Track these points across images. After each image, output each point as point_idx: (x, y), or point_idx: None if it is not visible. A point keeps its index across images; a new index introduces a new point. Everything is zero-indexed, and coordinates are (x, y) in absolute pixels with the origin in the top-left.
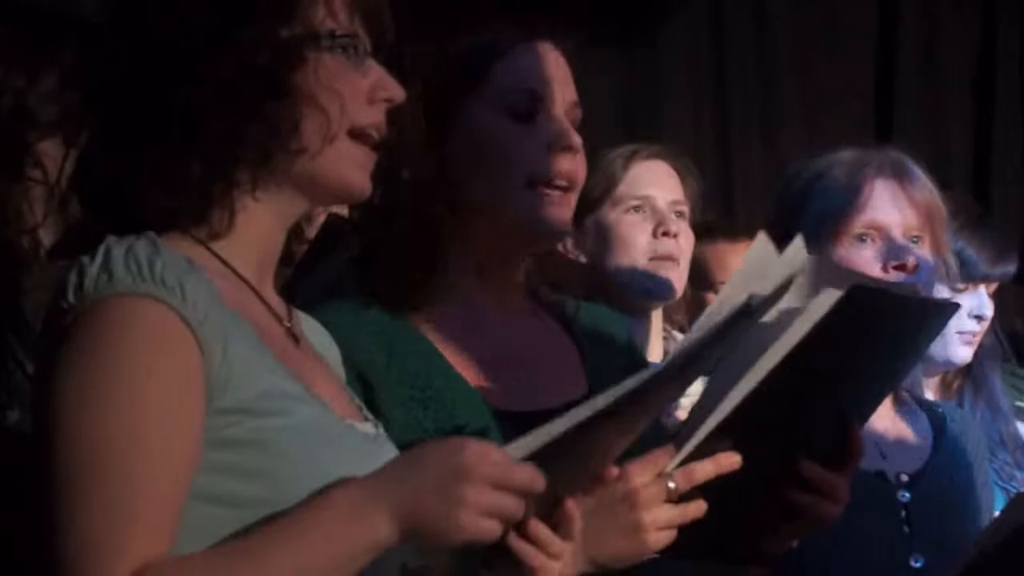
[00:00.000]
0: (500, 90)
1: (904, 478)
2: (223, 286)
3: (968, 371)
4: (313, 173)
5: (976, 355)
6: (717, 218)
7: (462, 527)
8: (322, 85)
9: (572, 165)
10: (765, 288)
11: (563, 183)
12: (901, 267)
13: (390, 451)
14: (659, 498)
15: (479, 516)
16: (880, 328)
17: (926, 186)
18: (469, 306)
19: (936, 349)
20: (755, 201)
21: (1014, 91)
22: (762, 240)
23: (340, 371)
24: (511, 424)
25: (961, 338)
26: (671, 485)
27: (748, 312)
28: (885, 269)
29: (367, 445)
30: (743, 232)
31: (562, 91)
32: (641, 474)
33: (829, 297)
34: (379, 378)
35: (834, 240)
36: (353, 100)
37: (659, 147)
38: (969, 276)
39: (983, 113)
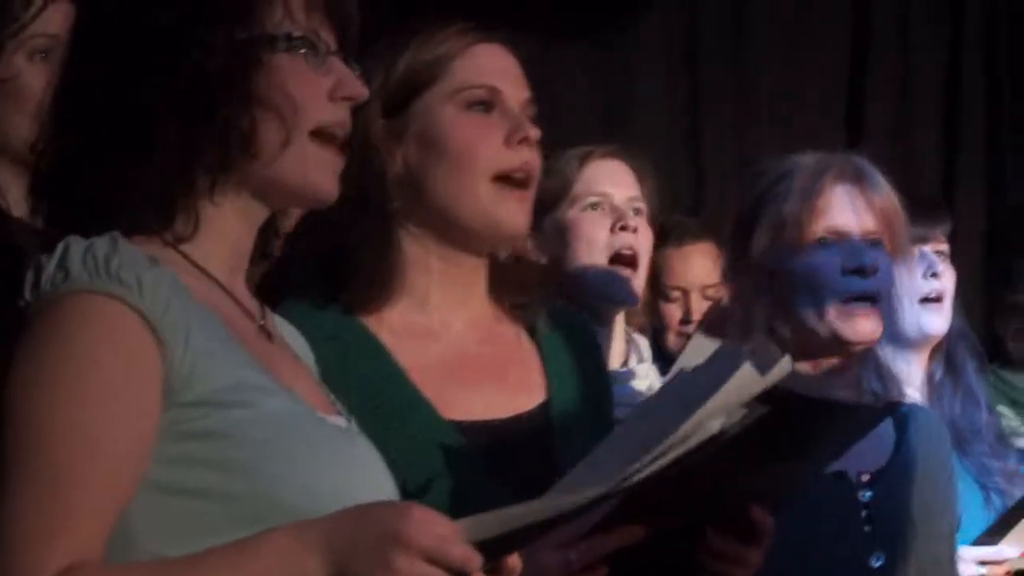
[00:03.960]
0: (457, 86)
1: (865, 477)
2: (192, 284)
3: (945, 361)
4: (274, 177)
5: (949, 339)
6: (684, 218)
7: None
8: (277, 88)
9: (530, 157)
10: (740, 412)
11: (521, 176)
12: (859, 270)
13: (362, 444)
14: (559, 572)
15: None
16: (803, 431)
17: (885, 190)
18: (428, 309)
19: (906, 320)
20: (726, 204)
21: (979, 100)
22: (747, 370)
23: (314, 368)
24: (465, 433)
25: (926, 304)
26: (572, 558)
27: (718, 440)
28: (844, 273)
29: (339, 437)
30: (690, 235)
31: (517, 88)
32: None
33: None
34: (330, 383)
35: (795, 245)
36: (312, 101)
37: (615, 146)
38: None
39: (952, 121)
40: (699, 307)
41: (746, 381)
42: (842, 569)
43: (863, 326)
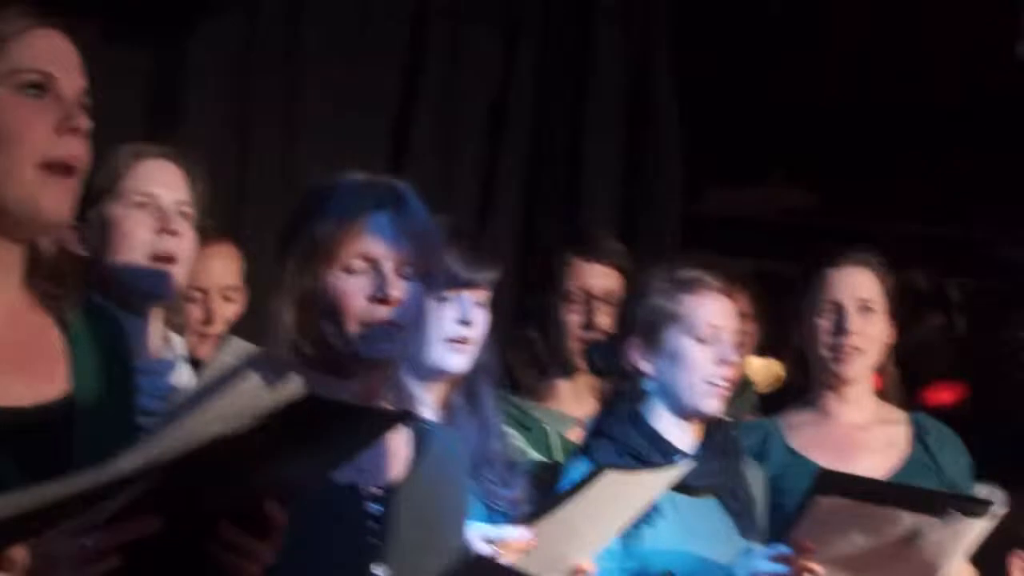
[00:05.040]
0: (10, 68)
1: (378, 491)
2: None
3: (466, 388)
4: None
5: (474, 371)
6: (226, 225)
7: None
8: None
9: (78, 147)
10: (245, 424)
11: (67, 165)
12: (384, 300)
13: None
14: (73, 559)
15: None
16: (316, 430)
17: (425, 222)
18: None
19: (426, 357)
20: (266, 213)
21: (523, 135)
22: (253, 384)
23: None
24: None
25: (450, 345)
26: (86, 546)
27: (226, 439)
28: (370, 301)
29: None
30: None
31: (73, 77)
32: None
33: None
34: None
35: (326, 266)
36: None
37: (168, 147)
38: (451, 283)
39: (492, 149)
40: (219, 308)
41: (251, 393)
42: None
43: (381, 349)
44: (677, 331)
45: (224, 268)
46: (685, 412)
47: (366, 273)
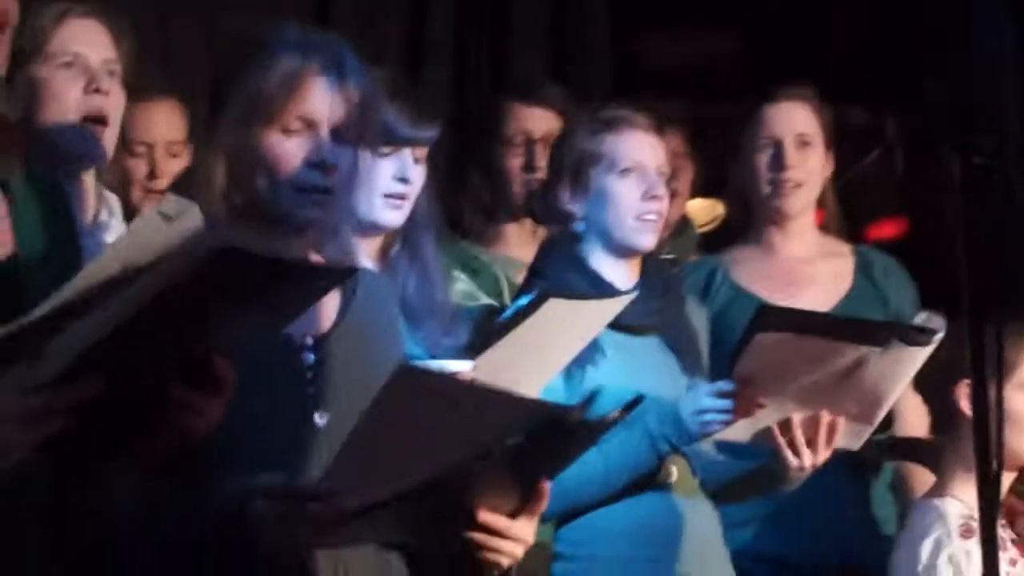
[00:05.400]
0: None
1: (309, 340)
2: None
3: (403, 237)
4: None
5: (411, 220)
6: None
7: None
8: None
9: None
10: (147, 258)
11: None
12: (320, 166)
13: None
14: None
15: None
16: (261, 288)
17: (365, 82)
18: None
19: (363, 212)
20: (194, 66)
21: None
22: (152, 215)
23: None
24: None
25: (387, 201)
26: (33, 403)
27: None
28: (306, 165)
29: None
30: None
31: None
32: None
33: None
34: None
35: (265, 126)
36: None
37: (94, 4)
38: (391, 140)
39: (419, 6)
40: (164, 163)
41: (152, 228)
42: (288, 427)
43: (313, 213)
44: (602, 169)
45: (168, 123)
46: (619, 250)
47: (303, 135)
